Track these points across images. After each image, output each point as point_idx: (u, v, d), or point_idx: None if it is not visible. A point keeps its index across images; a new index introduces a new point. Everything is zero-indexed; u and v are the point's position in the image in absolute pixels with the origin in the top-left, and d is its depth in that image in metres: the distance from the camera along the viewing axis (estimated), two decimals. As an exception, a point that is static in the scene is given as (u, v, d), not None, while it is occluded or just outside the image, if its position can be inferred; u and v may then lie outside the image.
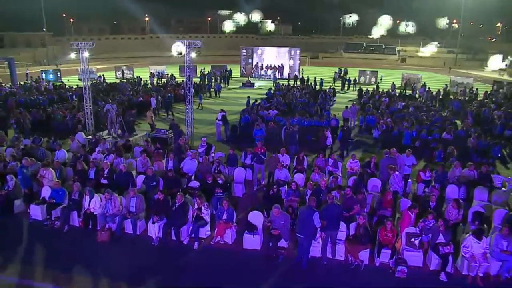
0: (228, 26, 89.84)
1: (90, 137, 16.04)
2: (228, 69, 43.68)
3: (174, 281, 7.91)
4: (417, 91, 32.90)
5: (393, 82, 34.85)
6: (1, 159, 12.15)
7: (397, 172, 10.87)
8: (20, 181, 10.87)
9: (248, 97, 25.21)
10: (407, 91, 33.53)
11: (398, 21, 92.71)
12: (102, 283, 7.77)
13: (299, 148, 15.08)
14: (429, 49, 78.99)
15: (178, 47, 16.85)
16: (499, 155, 15.60)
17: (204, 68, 41.45)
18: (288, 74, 44.36)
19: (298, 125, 17.15)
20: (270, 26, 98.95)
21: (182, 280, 7.98)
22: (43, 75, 38.71)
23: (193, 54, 17.01)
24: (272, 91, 29.16)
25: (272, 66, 45.67)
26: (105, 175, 11.20)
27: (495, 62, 60.61)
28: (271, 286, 7.78)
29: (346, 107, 21.61)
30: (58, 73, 40.48)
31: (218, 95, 32.35)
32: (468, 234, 8.04)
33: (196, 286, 7.76)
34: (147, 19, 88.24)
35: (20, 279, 7.82)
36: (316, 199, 8.91)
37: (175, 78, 38.48)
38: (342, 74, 43.24)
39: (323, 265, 8.39)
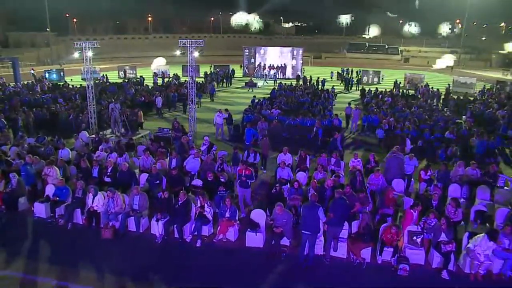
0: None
1: (93, 136, 16.13)
2: (231, 69, 43.71)
3: (177, 279, 7.94)
4: (420, 91, 32.84)
5: (399, 82, 34.87)
6: (2, 158, 12.22)
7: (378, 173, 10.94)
8: (23, 178, 10.96)
9: (254, 96, 25.32)
10: (406, 90, 33.41)
11: (400, 22, 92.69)
12: (105, 280, 7.82)
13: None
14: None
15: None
16: None
17: (219, 69, 42.36)
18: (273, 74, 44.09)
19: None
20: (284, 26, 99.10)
21: (185, 277, 8.01)
22: (46, 74, 38.91)
23: (196, 54, 17.07)
24: (276, 91, 29.32)
25: (275, 66, 45.67)
26: (108, 174, 11.27)
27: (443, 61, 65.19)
28: (274, 284, 7.81)
29: (349, 103, 21.78)
30: (62, 73, 40.67)
31: (212, 99, 29.76)
32: (483, 235, 7.92)
33: (198, 283, 7.80)
34: (150, 19, 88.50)
35: (24, 275, 7.89)
36: (318, 197, 8.96)
37: (179, 78, 38.51)
38: (344, 74, 43.22)
39: (325, 263, 8.41)
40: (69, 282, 7.69)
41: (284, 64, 45.68)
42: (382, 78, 42.26)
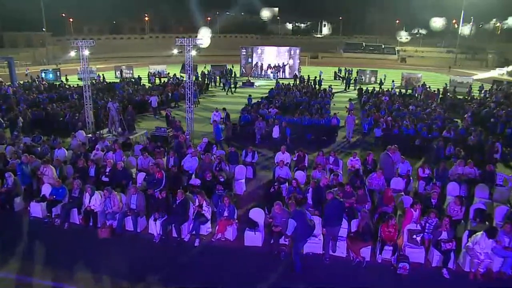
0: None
1: (90, 135, 16.02)
2: (228, 68, 43.54)
3: (176, 278, 7.87)
4: (417, 90, 32.92)
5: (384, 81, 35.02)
6: (1, 157, 12.11)
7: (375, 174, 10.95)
8: (19, 178, 10.84)
9: (250, 95, 25.23)
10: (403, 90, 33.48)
11: (397, 22, 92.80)
12: (103, 280, 7.73)
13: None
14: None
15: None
16: None
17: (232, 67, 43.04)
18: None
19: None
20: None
21: (183, 277, 7.94)
22: (43, 74, 38.69)
23: (194, 53, 17.01)
24: (274, 91, 29.30)
25: (272, 65, 45.60)
26: (107, 173, 11.17)
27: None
28: (273, 283, 7.74)
29: (350, 99, 21.79)
30: (58, 73, 40.44)
31: (195, 105, 24.96)
32: (481, 233, 7.86)
33: (197, 283, 7.72)
34: (146, 19, 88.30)
35: (20, 276, 7.79)
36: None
37: (177, 77, 38.24)
38: (342, 74, 43.19)
39: (325, 262, 8.36)
40: (66, 283, 7.59)
41: (283, 64, 45.64)
42: (385, 78, 42.08)
